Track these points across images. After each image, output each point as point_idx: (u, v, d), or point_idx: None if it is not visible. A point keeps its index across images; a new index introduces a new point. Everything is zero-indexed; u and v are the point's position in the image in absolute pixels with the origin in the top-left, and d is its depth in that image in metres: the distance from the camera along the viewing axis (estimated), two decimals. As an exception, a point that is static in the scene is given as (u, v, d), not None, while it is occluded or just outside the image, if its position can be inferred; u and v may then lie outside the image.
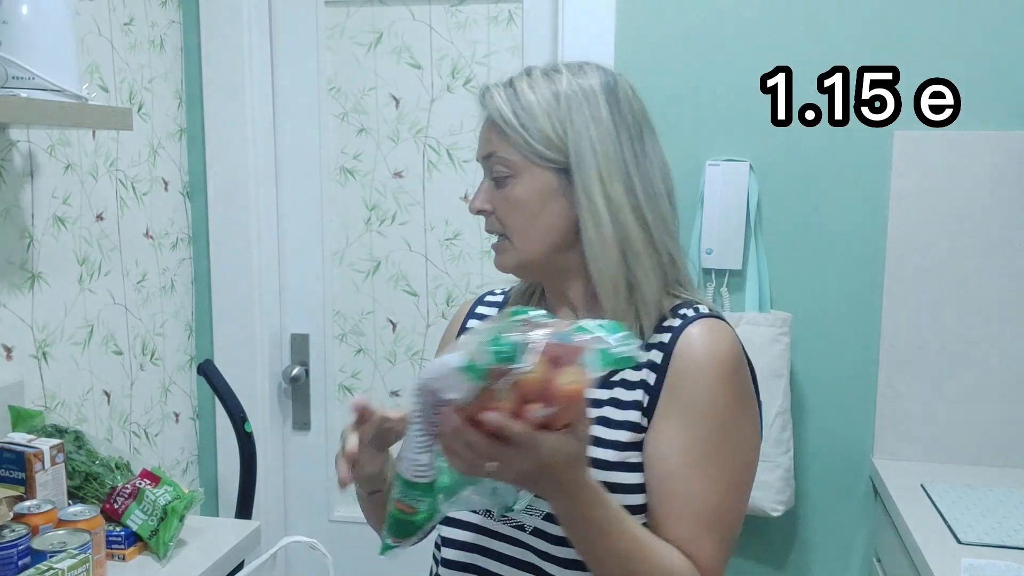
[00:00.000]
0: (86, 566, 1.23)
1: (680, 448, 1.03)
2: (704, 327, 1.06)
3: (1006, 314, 1.88)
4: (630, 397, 1.06)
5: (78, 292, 1.81)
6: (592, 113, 1.07)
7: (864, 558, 2.01)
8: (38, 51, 1.41)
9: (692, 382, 1.04)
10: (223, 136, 2.13)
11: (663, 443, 1.04)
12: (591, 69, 1.12)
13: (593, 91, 1.09)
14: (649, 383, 1.06)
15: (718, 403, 1.04)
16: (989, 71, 1.84)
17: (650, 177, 1.09)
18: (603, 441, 1.05)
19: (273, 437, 2.26)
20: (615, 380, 1.07)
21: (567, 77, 1.09)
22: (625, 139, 1.08)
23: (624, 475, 1.04)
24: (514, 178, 1.08)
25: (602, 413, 1.07)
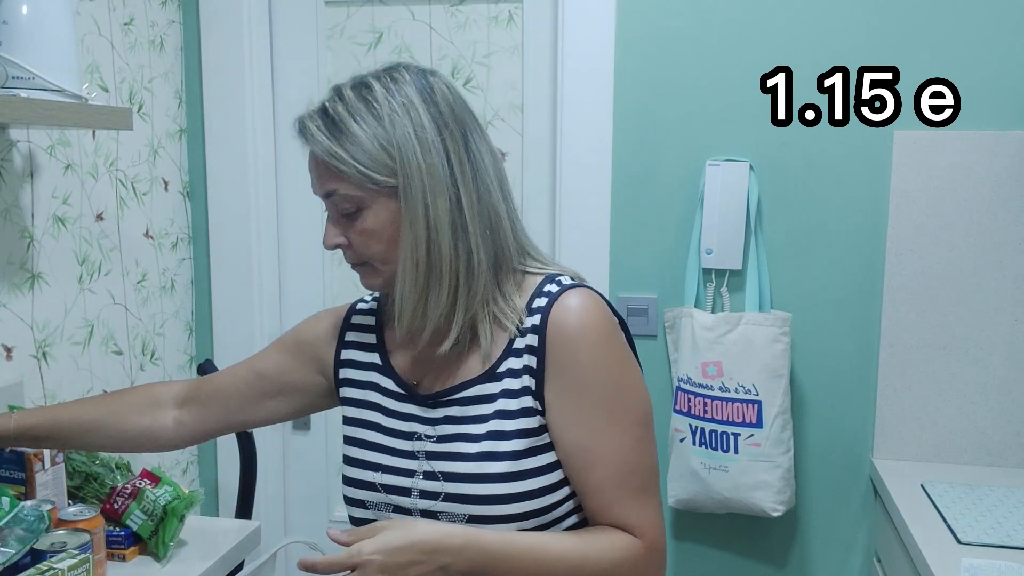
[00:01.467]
0: (86, 566, 1.23)
1: (578, 421, 1.07)
2: (571, 299, 1.08)
3: (1006, 314, 1.88)
4: (519, 384, 1.08)
5: (78, 292, 1.81)
6: (416, 129, 1.05)
7: (864, 558, 2.01)
8: (38, 51, 1.41)
9: (571, 355, 1.06)
10: (223, 136, 2.14)
11: (562, 421, 1.07)
12: (402, 75, 1.09)
13: (411, 102, 1.06)
14: (532, 366, 1.08)
15: (600, 368, 1.07)
16: (989, 71, 1.85)
17: (480, 177, 1.09)
18: (507, 433, 1.08)
19: (273, 437, 2.26)
20: (501, 371, 1.09)
21: (381, 92, 1.06)
22: (451, 147, 1.07)
23: (537, 459, 1.08)
24: (363, 211, 1.08)
25: (497, 407, 1.09)
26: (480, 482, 1.06)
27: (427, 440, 1.12)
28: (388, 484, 1.13)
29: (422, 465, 1.11)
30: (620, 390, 1.08)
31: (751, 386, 1.86)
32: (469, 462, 1.08)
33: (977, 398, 1.91)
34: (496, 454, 1.07)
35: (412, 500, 1.11)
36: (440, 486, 1.09)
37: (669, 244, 2.00)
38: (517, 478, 1.06)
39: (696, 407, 1.90)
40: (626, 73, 1.97)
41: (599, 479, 1.07)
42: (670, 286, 2.01)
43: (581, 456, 1.07)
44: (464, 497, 1.07)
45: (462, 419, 1.10)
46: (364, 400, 1.20)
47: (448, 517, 1.08)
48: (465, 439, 1.09)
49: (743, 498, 1.87)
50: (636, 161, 1.99)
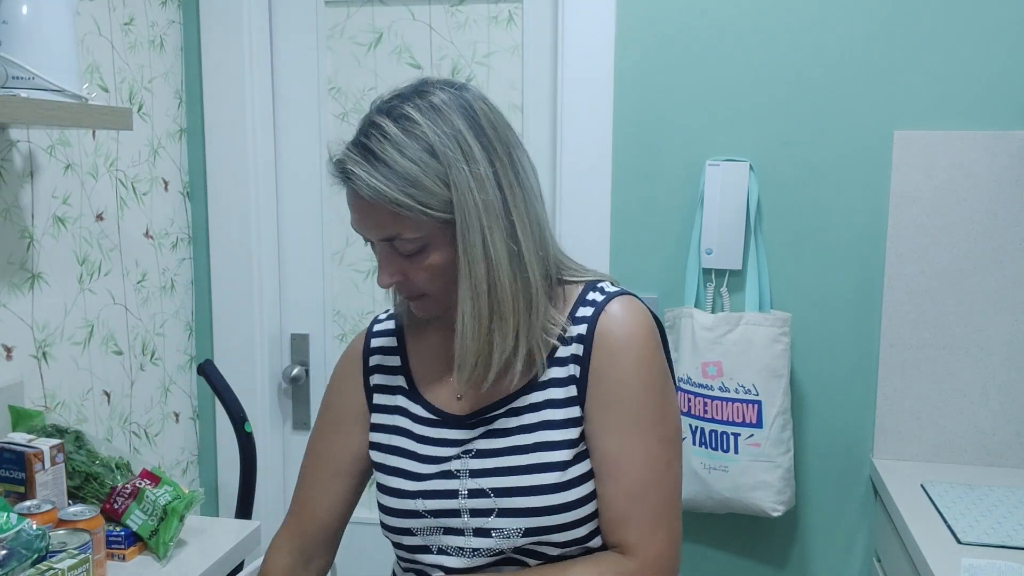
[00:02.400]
0: (86, 566, 1.23)
1: (609, 428, 1.05)
2: (618, 307, 1.07)
3: (1006, 314, 1.88)
4: (565, 394, 1.07)
5: (78, 292, 1.81)
6: (469, 164, 1.00)
7: (864, 558, 2.01)
8: (38, 51, 1.41)
9: (613, 365, 1.05)
10: (223, 136, 2.14)
11: (595, 428, 1.06)
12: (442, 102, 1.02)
13: (460, 133, 1.01)
14: (576, 376, 1.07)
15: (640, 380, 1.05)
16: (989, 71, 1.85)
17: (529, 199, 1.06)
18: (554, 443, 1.06)
19: (273, 437, 2.26)
20: (545, 380, 1.08)
21: (426, 124, 1.00)
22: (502, 175, 1.03)
23: (582, 466, 1.06)
24: (428, 248, 1.03)
25: (542, 416, 1.07)
26: (533, 494, 1.05)
27: (466, 457, 1.10)
28: (433, 509, 1.10)
29: (466, 484, 1.08)
30: (655, 405, 1.06)
31: (751, 386, 1.86)
32: (520, 476, 1.06)
33: (977, 398, 1.91)
34: (547, 465, 1.05)
35: (463, 520, 1.08)
36: (492, 503, 1.07)
37: (669, 244, 2.00)
38: (568, 487, 1.05)
39: (696, 407, 1.90)
40: (626, 73, 1.97)
41: (615, 491, 1.05)
42: (670, 286, 2.01)
43: (605, 464, 1.05)
44: (519, 511, 1.05)
45: (505, 431, 1.08)
46: (391, 425, 1.16)
47: (502, 533, 1.06)
48: (512, 452, 1.07)
49: (743, 498, 1.87)
50: (636, 161, 1.99)
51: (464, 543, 1.09)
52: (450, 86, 1.06)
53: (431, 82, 1.06)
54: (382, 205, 1.00)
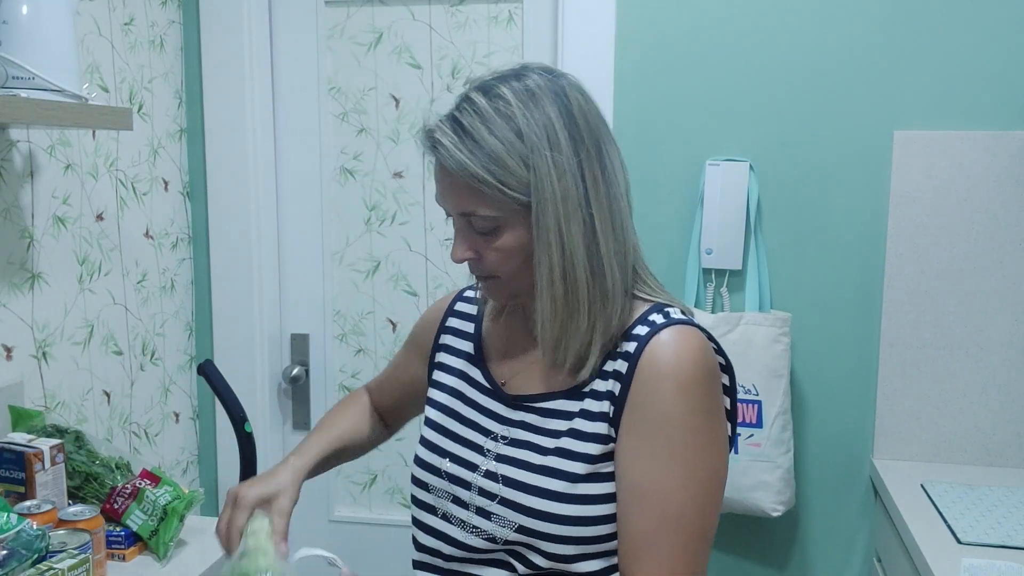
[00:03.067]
0: (86, 566, 1.23)
1: (638, 456, 1.01)
2: (672, 335, 1.02)
3: (1006, 314, 1.88)
4: (598, 408, 1.05)
5: (78, 292, 1.81)
6: (552, 152, 1.00)
7: (864, 558, 2.01)
8: (38, 51, 1.41)
9: (653, 392, 1.01)
10: (223, 136, 2.14)
11: (627, 455, 1.02)
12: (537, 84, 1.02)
13: (550, 120, 1.01)
14: (615, 393, 1.04)
15: (679, 411, 1.00)
16: (989, 71, 1.85)
17: (613, 195, 1.05)
18: (573, 454, 1.05)
19: (273, 437, 2.26)
20: (585, 391, 1.06)
21: (517, 106, 1.00)
22: (587, 167, 1.02)
23: (593, 486, 1.04)
24: (501, 229, 1.03)
25: (572, 425, 1.06)
26: (536, 495, 1.05)
27: (500, 441, 1.11)
28: (451, 473, 1.13)
29: (487, 463, 1.10)
30: (693, 440, 1.00)
31: (751, 386, 1.86)
32: (530, 473, 1.06)
33: (977, 398, 1.91)
34: (558, 472, 1.05)
35: (471, 495, 1.10)
36: (498, 488, 1.07)
37: (669, 244, 2.00)
38: (573, 501, 1.03)
39: (696, 407, 1.89)
40: (626, 73, 1.97)
41: (636, 522, 1.00)
42: (670, 286, 1.99)
43: (631, 492, 1.01)
44: (518, 506, 1.05)
45: (537, 428, 1.09)
46: (451, 387, 1.20)
47: (500, 521, 1.07)
48: (533, 449, 1.07)
49: (743, 498, 1.87)
50: (636, 161, 1.99)
51: (467, 517, 1.10)
52: (549, 72, 1.06)
53: (531, 67, 1.06)
54: (463, 179, 1.01)
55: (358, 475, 2.28)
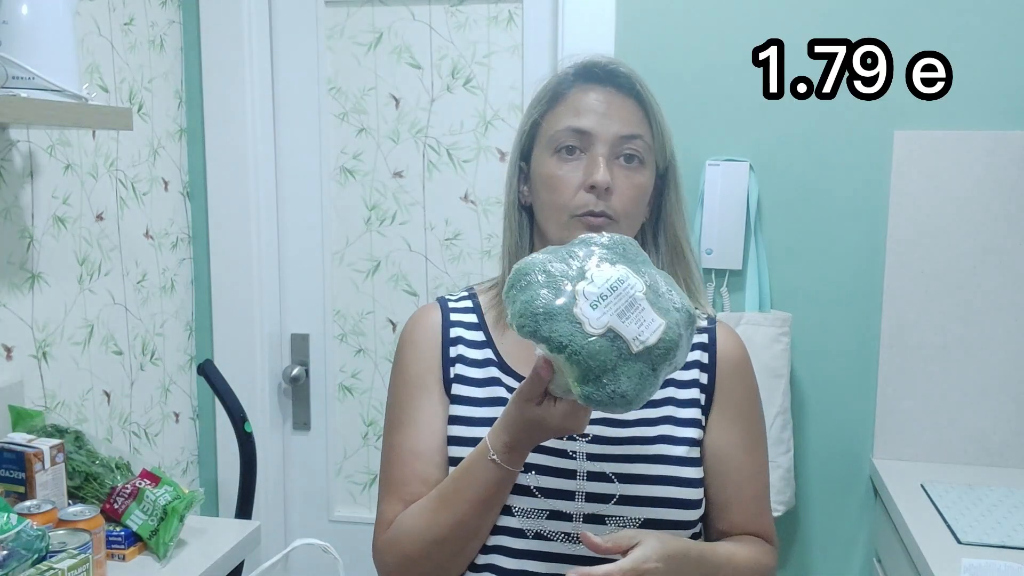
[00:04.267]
0: (86, 566, 1.23)
1: (741, 442, 1.14)
2: (727, 330, 1.19)
3: (1006, 314, 1.88)
4: (687, 396, 1.12)
5: (78, 292, 1.81)
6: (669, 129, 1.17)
7: (864, 558, 2.01)
8: (38, 51, 1.41)
9: (740, 382, 1.16)
10: (223, 136, 2.14)
11: (725, 441, 1.13)
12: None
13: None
14: (702, 382, 1.13)
15: (756, 396, 1.18)
16: (989, 72, 1.85)
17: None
18: (675, 439, 1.10)
19: (273, 437, 2.26)
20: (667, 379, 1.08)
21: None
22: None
23: (692, 470, 1.10)
24: (643, 166, 1.12)
25: (664, 412, 1.11)
26: (658, 484, 1.06)
27: (581, 440, 1.08)
28: (547, 488, 1.06)
29: (583, 466, 1.07)
30: (760, 411, 1.19)
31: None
32: (645, 464, 1.07)
33: (977, 398, 1.91)
34: (670, 458, 1.08)
35: (577, 504, 1.05)
36: (614, 488, 1.06)
37: (669, 244, 2.00)
38: (687, 484, 1.09)
39: (696, 407, 1.90)
40: (626, 73, 1.97)
41: (749, 493, 1.15)
42: (670, 286, 2.01)
43: (740, 471, 1.14)
44: (641, 499, 1.06)
45: (624, 421, 1.09)
46: (488, 397, 1.11)
47: (618, 521, 1.05)
48: (635, 442, 1.08)
49: (743, 498, 1.87)
50: (636, 161, 1.99)
51: (572, 528, 1.05)
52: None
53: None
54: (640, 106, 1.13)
55: (358, 475, 2.28)
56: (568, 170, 1.09)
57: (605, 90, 1.12)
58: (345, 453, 2.29)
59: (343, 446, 2.29)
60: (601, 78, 1.13)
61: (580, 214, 1.08)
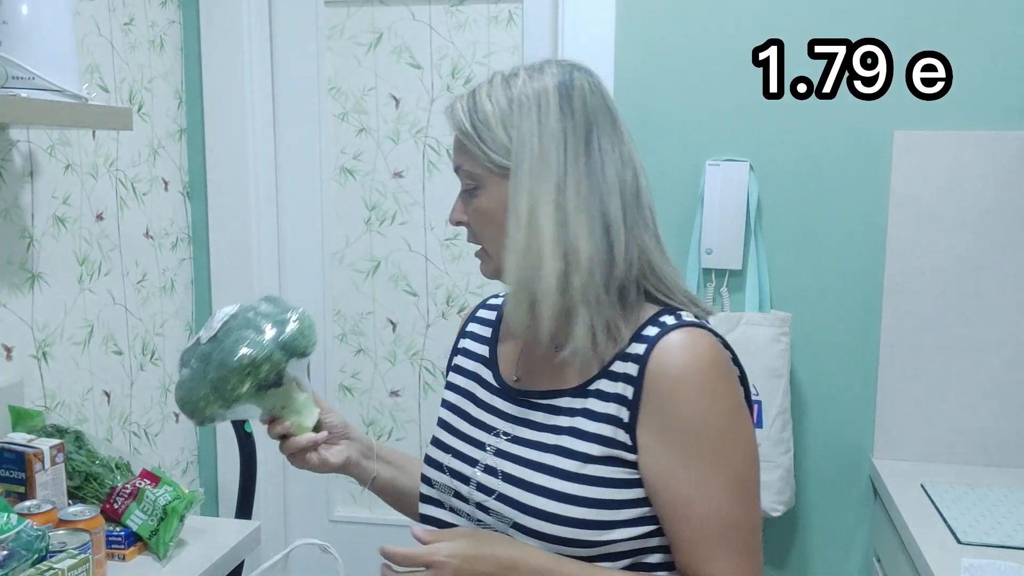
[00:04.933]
0: (86, 566, 1.23)
1: (677, 471, 1.01)
2: (681, 337, 1.02)
3: (1006, 314, 1.88)
4: (604, 409, 1.04)
5: (78, 292, 1.81)
6: (540, 117, 1.04)
7: (864, 558, 2.01)
8: (38, 51, 1.41)
9: (671, 398, 1.00)
10: (223, 136, 2.14)
11: (659, 468, 1.01)
12: (550, 68, 1.08)
13: (546, 92, 1.05)
14: (627, 397, 1.03)
15: (704, 416, 1.00)
16: (989, 72, 1.85)
17: (594, 174, 1.05)
18: (570, 452, 1.04)
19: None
20: (591, 390, 1.05)
21: (523, 79, 1.07)
22: (571, 140, 1.04)
23: (587, 488, 1.02)
24: (479, 189, 1.08)
25: (573, 423, 1.05)
26: (533, 492, 1.04)
27: (503, 437, 1.12)
28: (453, 468, 1.14)
29: (487, 458, 1.11)
30: (725, 442, 1.01)
31: (751, 386, 1.86)
32: (529, 469, 1.06)
33: (977, 398, 1.91)
34: (555, 469, 1.04)
35: (470, 490, 1.11)
36: (496, 484, 1.08)
37: (669, 244, 1.97)
38: (568, 500, 1.02)
39: (696, 407, 1.89)
40: (626, 73, 1.97)
41: (696, 532, 1.01)
42: (670, 286, 2.01)
43: (680, 507, 1.01)
44: (514, 502, 1.05)
45: (540, 426, 1.09)
46: (464, 389, 1.21)
47: (497, 517, 1.07)
48: (534, 446, 1.08)
49: (743, 498, 1.87)
50: (636, 161, 1.99)
51: (470, 511, 1.11)
52: (566, 63, 1.11)
53: (559, 60, 1.12)
54: (457, 136, 1.09)
55: (358, 475, 2.28)
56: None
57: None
58: (345, 453, 2.29)
59: (343, 446, 2.29)
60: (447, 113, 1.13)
61: None
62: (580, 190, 1.04)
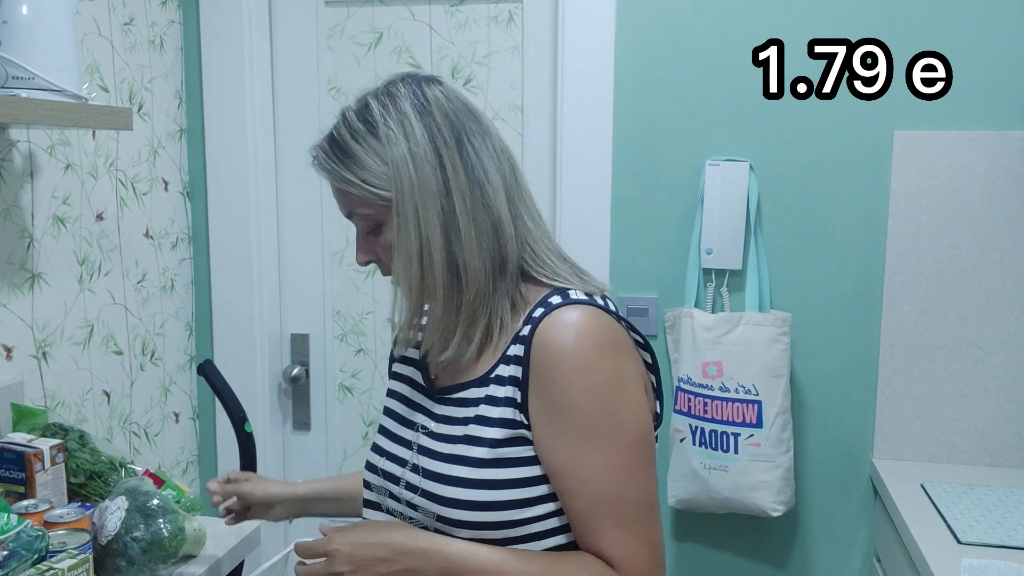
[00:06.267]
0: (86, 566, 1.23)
1: (557, 444, 1.03)
2: (563, 315, 1.04)
3: (1006, 314, 1.88)
4: (503, 393, 1.07)
5: (78, 292, 1.81)
6: (409, 142, 1.06)
7: (864, 558, 2.01)
8: (38, 51, 1.41)
9: (551, 374, 1.03)
10: (223, 136, 2.14)
11: (543, 442, 1.04)
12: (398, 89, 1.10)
13: (406, 115, 1.07)
14: (518, 377, 1.06)
15: (582, 391, 1.02)
16: (989, 72, 1.85)
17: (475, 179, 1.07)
18: (478, 439, 1.07)
19: (273, 437, 2.26)
20: (491, 377, 1.09)
21: (378, 110, 1.08)
22: (444, 153, 1.07)
23: (499, 471, 1.05)
24: (382, 226, 1.10)
25: (478, 411, 1.09)
26: (446, 484, 1.07)
27: (422, 433, 1.14)
28: (385, 470, 1.17)
29: (414, 457, 1.13)
30: (605, 415, 1.02)
31: (751, 386, 1.86)
32: (440, 462, 1.09)
33: (977, 398, 1.91)
34: (465, 459, 1.07)
35: (399, 489, 1.14)
36: (419, 481, 1.11)
37: (669, 244, 2.00)
38: (483, 486, 1.05)
39: (696, 407, 1.90)
40: (626, 73, 1.97)
41: (580, 506, 1.04)
42: (670, 286, 2.01)
43: (562, 481, 1.04)
44: (434, 496, 1.08)
45: (451, 419, 1.12)
46: (399, 393, 1.23)
47: (423, 513, 1.10)
48: (444, 439, 1.10)
49: (743, 498, 1.87)
50: (636, 161, 1.99)
51: (402, 511, 1.14)
52: (412, 79, 1.12)
53: (398, 77, 1.13)
54: (337, 186, 1.10)
55: (358, 475, 2.28)
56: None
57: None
58: (345, 453, 2.29)
59: (343, 446, 2.29)
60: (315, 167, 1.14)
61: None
62: (466, 202, 1.07)
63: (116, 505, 1.34)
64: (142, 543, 1.32)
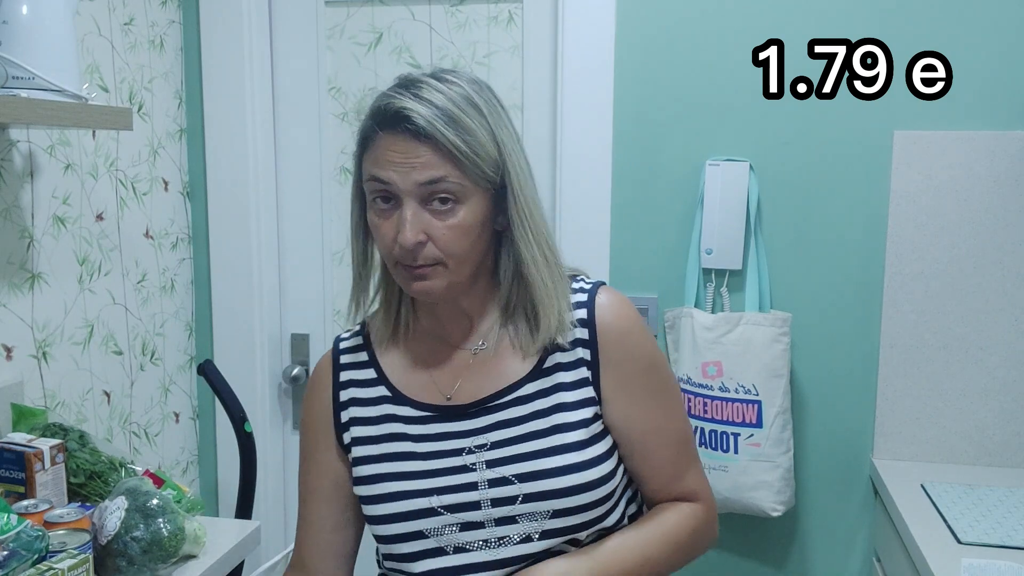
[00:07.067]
0: (86, 566, 1.23)
1: (639, 411, 1.13)
2: (606, 295, 1.15)
3: (1006, 314, 1.88)
4: (574, 377, 1.12)
5: (78, 292, 1.81)
6: (508, 128, 1.09)
7: (864, 558, 2.01)
8: (38, 51, 1.41)
9: (624, 349, 1.13)
10: (223, 136, 2.14)
11: (623, 413, 1.13)
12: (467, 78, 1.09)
13: (496, 103, 1.10)
14: (586, 359, 1.12)
15: (649, 357, 1.15)
16: (989, 72, 1.85)
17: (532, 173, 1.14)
18: (569, 425, 1.10)
19: (273, 437, 2.26)
20: (549, 367, 1.12)
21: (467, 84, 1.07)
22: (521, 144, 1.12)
23: (591, 450, 1.10)
24: (459, 204, 1.04)
25: (555, 400, 1.11)
26: (558, 475, 1.08)
27: (480, 451, 1.10)
28: (451, 504, 1.09)
29: (484, 475, 1.09)
30: (664, 372, 1.17)
31: (751, 386, 1.86)
32: (542, 459, 1.08)
33: (977, 398, 1.91)
34: (566, 446, 1.09)
35: (485, 511, 1.09)
36: (516, 489, 1.08)
37: (669, 244, 2.00)
38: (587, 467, 1.09)
39: (696, 407, 1.90)
40: (626, 73, 1.97)
41: (663, 459, 1.16)
42: (670, 286, 2.01)
43: (646, 441, 1.14)
44: (545, 493, 1.07)
45: (520, 419, 1.11)
46: (383, 434, 1.15)
47: (530, 517, 1.08)
48: (530, 438, 1.10)
49: (743, 498, 1.87)
50: (636, 161, 1.99)
51: (488, 535, 1.09)
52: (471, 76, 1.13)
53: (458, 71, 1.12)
54: (435, 144, 1.02)
55: (358, 475, 2.28)
56: (384, 220, 1.06)
57: (398, 136, 1.03)
58: (345, 453, 2.29)
59: (343, 446, 2.29)
60: (392, 123, 1.03)
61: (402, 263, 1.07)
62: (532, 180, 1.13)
63: (116, 505, 1.34)
64: (142, 543, 1.32)
